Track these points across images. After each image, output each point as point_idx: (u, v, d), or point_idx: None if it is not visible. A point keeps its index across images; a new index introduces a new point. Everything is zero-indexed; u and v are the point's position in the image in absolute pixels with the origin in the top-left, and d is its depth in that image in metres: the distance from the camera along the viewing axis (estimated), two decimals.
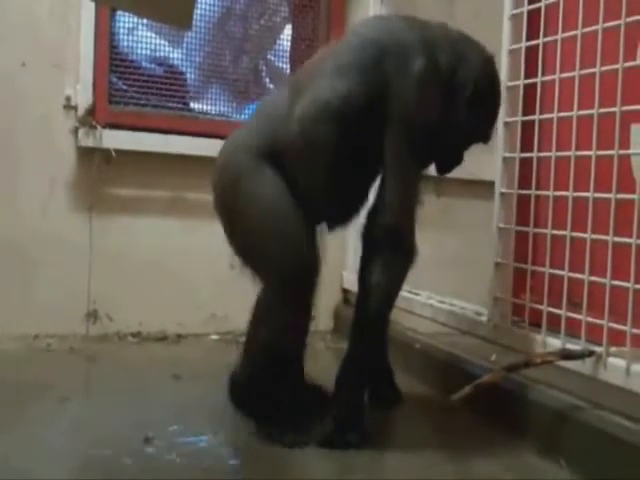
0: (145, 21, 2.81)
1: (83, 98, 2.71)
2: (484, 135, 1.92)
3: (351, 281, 2.81)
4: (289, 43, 3.13)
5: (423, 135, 1.75)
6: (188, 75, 2.98)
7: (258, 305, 1.82)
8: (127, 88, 2.81)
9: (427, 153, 1.83)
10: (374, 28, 1.88)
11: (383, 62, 1.74)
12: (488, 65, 1.87)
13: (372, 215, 1.78)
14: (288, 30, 3.13)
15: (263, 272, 1.82)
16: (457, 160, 1.94)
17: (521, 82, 1.98)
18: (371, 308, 1.76)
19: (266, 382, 1.78)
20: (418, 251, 1.80)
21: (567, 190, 1.79)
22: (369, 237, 1.78)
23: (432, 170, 1.98)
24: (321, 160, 1.78)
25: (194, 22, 2.80)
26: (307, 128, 1.77)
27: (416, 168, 1.80)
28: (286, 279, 1.75)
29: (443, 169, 1.96)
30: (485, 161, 2.11)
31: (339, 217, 1.96)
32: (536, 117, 1.92)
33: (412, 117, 1.74)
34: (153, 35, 2.90)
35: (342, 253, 2.92)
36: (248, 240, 1.84)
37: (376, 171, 1.83)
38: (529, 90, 1.96)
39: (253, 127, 1.91)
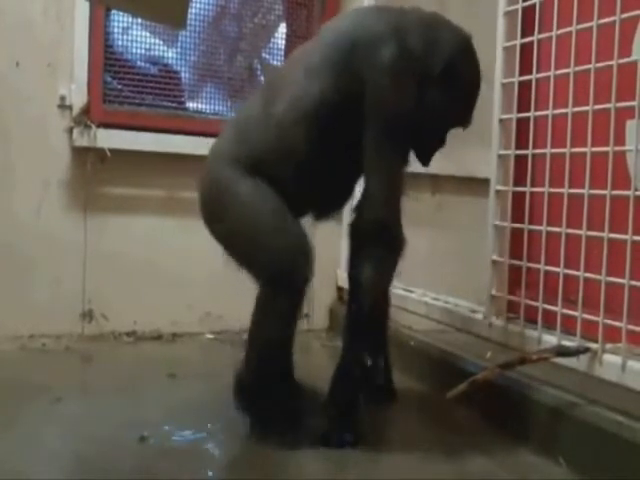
0: (140, 20, 2.81)
1: (77, 97, 2.70)
2: (463, 119, 1.89)
3: (346, 279, 2.80)
4: (283, 41, 3.13)
5: (402, 125, 1.74)
6: (183, 74, 2.98)
7: (256, 307, 1.83)
8: (122, 87, 2.81)
9: (408, 143, 1.82)
10: (344, 23, 1.87)
11: (355, 56, 1.74)
12: (462, 46, 1.83)
13: (358, 210, 1.78)
14: (282, 28, 3.12)
15: (257, 277, 1.82)
16: (435, 147, 1.91)
17: (516, 79, 1.98)
18: (363, 304, 1.75)
19: (268, 381, 1.79)
20: (407, 243, 1.79)
21: (562, 187, 1.79)
22: (356, 232, 1.77)
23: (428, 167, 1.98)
24: (299, 162, 1.78)
25: (188, 21, 2.80)
26: (285, 133, 1.77)
27: (398, 160, 1.78)
28: (276, 282, 1.76)
29: (423, 158, 1.92)
30: (480, 158, 2.11)
31: (324, 210, 1.97)
32: (531, 114, 1.92)
33: (389, 108, 1.73)
34: (148, 34, 2.89)
35: (336, 251, 2.91)
36: (240, 248, 1.86)
37: (360, 165, 1.81)
38: (524, 87, 1.96)
39: (230, 136, 1.92)
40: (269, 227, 1.79)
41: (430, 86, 1.78)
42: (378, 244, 1.74)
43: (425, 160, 1.92)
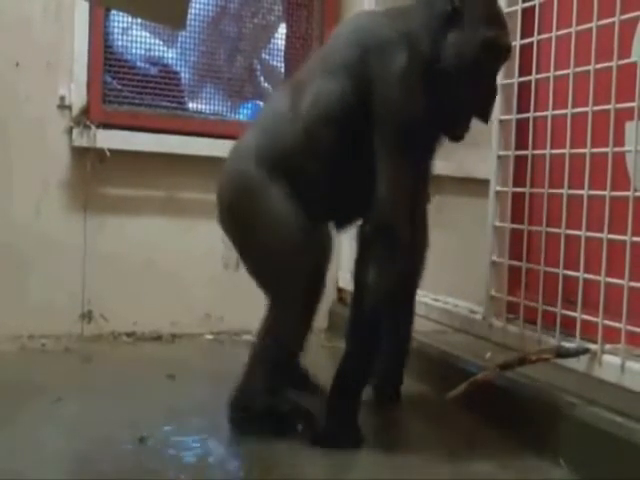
0: (139, 21, 2.81)
1: (77, 98, 2.70)
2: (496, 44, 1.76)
3: (346, 280, 2.81)
4: (283, 42, 3.13)
5: (410, 129, 1.73)
6: (182, 74, 2.98)
7: (269, 322, 1.85)
8: (121, 88, 2.81)
9: (419, 147, 1.81)
10: (356, 27, 1.86)
11: (366, 62, 1.74)
12: None
13: (366, 213, 1.78)
14: (282, 29, 3.13)
15: (279, 291, 1.84)
16: (492, 94, 1.80)
17: (515, 80, 1.98)
18: (367, 307, 1.75)
19: (278, 392, 1.83)
20: (413, 247, 1.79)
21: (562, 188, 1.79)
22: (362, 235, 1.78)
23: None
24: (325, 162, 1.78)
25: (188, 22, 2.80)
26: (311, 132, 1.78)
27: (407, 164, 1.76)
28: (303, 298, 1.79)
29: (459, 132, 1.83)
30: (480, 159, 2.11)
31: (348, 216, 1.96)
32: (530, 115, 1.92)
33: (397, 112, 1.72)
34: (147, 34, 2.89)
35: (337, 252, 2.91)
36: (262, 259, 1.87)
37: None
38: (524, 88, 1.96)
39: (256, 132, 1.90)
40: (289, 246, 1.79)
41: (444, 41, 1.73)
42: (383, 247, 1.73)
43: (462, 134, 1.83)
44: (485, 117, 1.80)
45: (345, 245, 2.83)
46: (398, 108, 1.73)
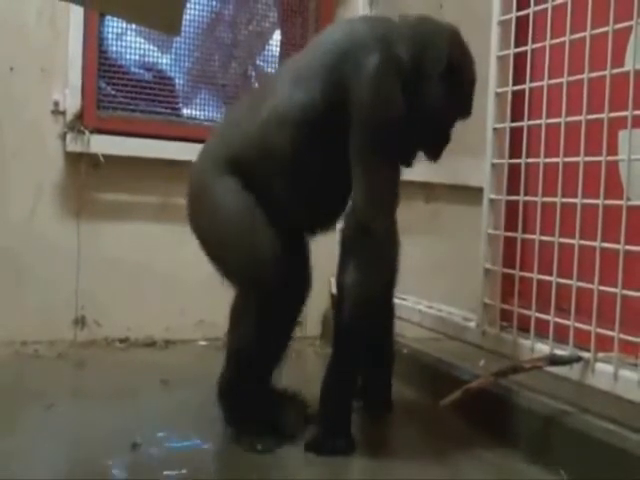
0: (134, 26, 2.81)
1: (71, 103, 2.70)
2: (465, 110, 1.88)
3: None
4: (278, 48, 3.14)
5: (386, 132, 1.73)
6: (177, 80, 2.98)
7: (233, 311, 1.88)
8: (115, 93, 2.81)
9: (401, 148, 1.80)
10: (334, 34, 1.87)
11: (342, 66, 1.74)
12: (455, 41, 1.84)
13: (346, 217, 1.79)
14: (277, 35, 3.13)
15: (232, 281, 1.86)
16: (445, 141, 1.89)
17: (509, 88, 1.99)
18: (347, 311, 1.74)
19: (241, 387, 1.82)
20: (396, 249, 1.79)
21: (555, 196, 1.80)
22: (342, 239, 1.78)
23: (422, 175, 1.98)
24: (283, 166, 1.78)
25: (183, 28, 2.80)
26: (268, 136, 1.78)
27: (384, 166, 1.75)
28: (250, 289, 1.80)
29: (432, 154, 1.91)
30: (474, 167, 2.12)
31: (318, 222, 1.95)
32: (524, 123, 1.93)
33: (372, 117, 1.72)
34: (142, 40, 2.90)
35: (330, 258, 2.91)
36: (216, 250, 1.87)
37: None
38: (517, 96, 1.97)
39: (216, 137, 1.94)
40: (237, 230, 1.80)
41: (429, 85, 1.78)
42: (361, 250, 1.74)
43: (435, 156, 1.91)
44: (436, 157, 1.90)
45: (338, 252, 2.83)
46: (372, 109, 1.72)
